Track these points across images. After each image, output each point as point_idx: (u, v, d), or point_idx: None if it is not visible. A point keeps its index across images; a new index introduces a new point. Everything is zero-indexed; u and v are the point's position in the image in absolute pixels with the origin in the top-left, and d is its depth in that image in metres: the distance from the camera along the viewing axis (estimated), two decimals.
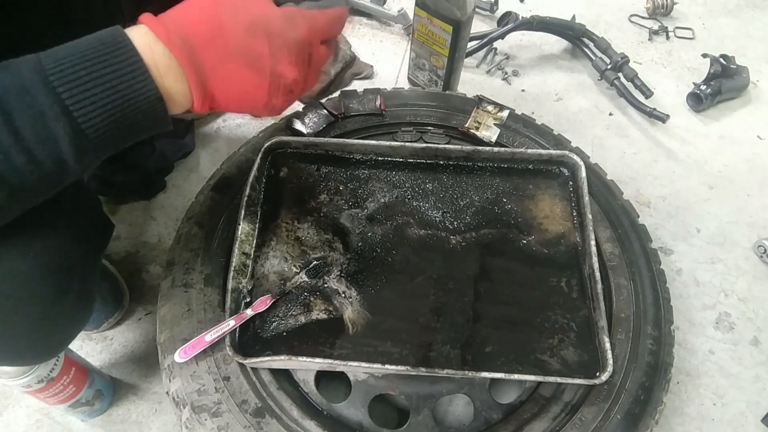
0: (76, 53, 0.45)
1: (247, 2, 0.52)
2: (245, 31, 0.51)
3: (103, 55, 0.45)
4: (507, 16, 1.43)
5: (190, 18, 0.50)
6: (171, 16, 0.50)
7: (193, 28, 0.49)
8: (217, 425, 0.72)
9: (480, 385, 0.79)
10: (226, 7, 0.51)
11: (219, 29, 0.50)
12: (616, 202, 0.95)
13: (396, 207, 0.92)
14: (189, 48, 0.49)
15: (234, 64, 0.51)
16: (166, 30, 0.48)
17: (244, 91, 0.53)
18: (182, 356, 0.74)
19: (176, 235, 0.89)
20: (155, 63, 0.48)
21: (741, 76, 1.34)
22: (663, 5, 1.54)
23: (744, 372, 0.96)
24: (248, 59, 0.51)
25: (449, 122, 1.04)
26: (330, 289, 0.82)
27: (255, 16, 0.51)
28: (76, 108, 0.44)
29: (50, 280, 0.59)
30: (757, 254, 1.10)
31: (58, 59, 0.44)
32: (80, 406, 0.82)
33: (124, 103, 0.46)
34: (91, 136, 0.46)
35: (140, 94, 0.47)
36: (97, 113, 0.45)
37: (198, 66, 0.50)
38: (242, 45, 0.51)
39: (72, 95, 0.44)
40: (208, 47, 0.50)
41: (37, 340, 0.63)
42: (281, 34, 0.52)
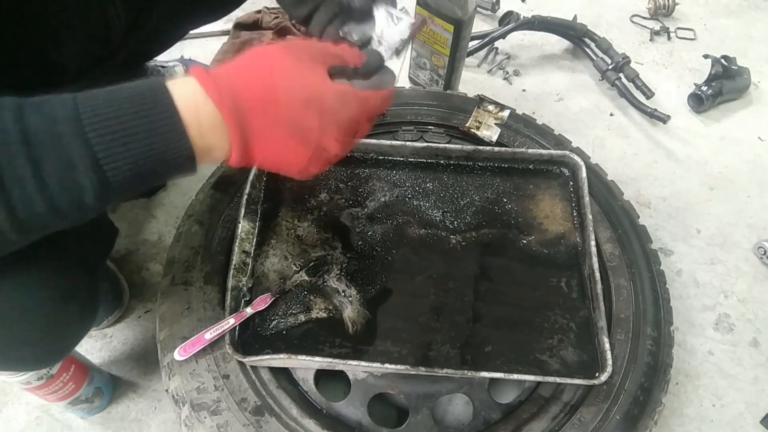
0: (114, 104, 0.44)
1: (304, 75, 0.51)
2: (299, 104, 0.50)
3: (141, 110, 0.45)
4: (508, 15, 1.43)
5: (245, 82, 0.49)
6: (225, 76, 0.49)
7: (247, 92, 0.49)
8: (217, 423, 0.72)
9: (479, 384, 0.79)
10: (284, 76, 0.50)
11: (273, 98, 0.49)
12: (616, 202, 0.95)
13: (396, 206, 0.92)
14: (239, 111, 0.48)
15: (281, 133, 0.51)
16: (218, 90, 0.47)
17: (285, 157, 0.53)
18: (182, 354, 0.74)
19: (176, 233, 0.89)
20: (198, 121, 0.47)
21: (742, 77, 1.34)
22: (664, 6, 1.54)
23: (743, 373, 0.96)
24: (297, 131, 0.51)
25: (450, 121, 1.04)
26: (330, 288, 0.82)
27: (311, 91, 0.51)
28: (107, 162, 0.43)
29: (55, 287, 0.59)
30: (757, 255, 1.10)
31: (96, 108, 0.43)
32: (80, 404, 0.83)
33: (156, 159, 0.46)
34: (115, 186, 0.45)
35: (173, 152, 0.46)
36: (127, 167, 0.44)
37: (245, 129, 0.49)
38: (294, 117, 0.51)
39: (105, 149, 0.43)
40: (260, 113, 0.49)
41: (43, 346, 0.63)
42: (334, 112, 0.52)
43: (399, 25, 0.66)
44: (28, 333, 0.59)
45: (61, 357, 0.71)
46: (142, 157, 0.45)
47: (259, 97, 0.49)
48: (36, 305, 0.58)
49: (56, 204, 0.43)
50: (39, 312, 0.58)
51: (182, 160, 0.48)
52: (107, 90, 0.45)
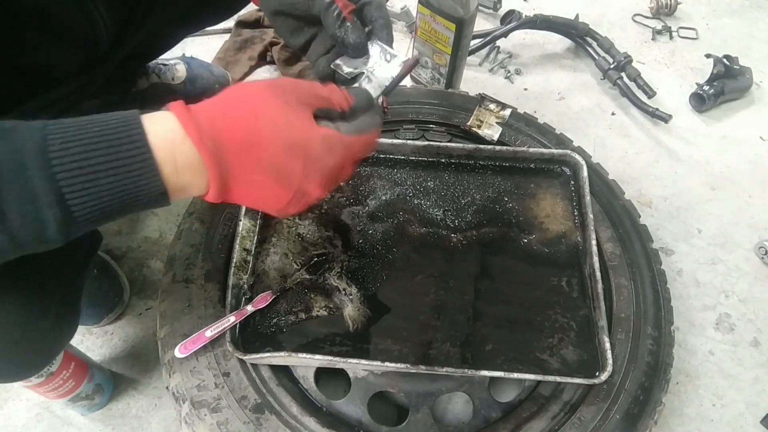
0: (84, 139, 0.42)
1: (289, 119, 0.49)
2: (283, 149, 0.49)
3: (112, 146, 0.43)
4: (510, 14, 1.43)
5: (228, 122, 0.47)
6: (206, 115, 0.47)
7: (229, 134, 0.47)
8: (217, 421, 0.72)
9: (479, 383, 0.79)
10: (268, 120, 0.48)
11: (257, 141, 0.48)
12: (617, 201, 0.95)
13: (397, 204, 0.92)
14: (220, 152, 0.47)
15: (263, 176, 0.49)
16: (198, 130, 0.46)
17: (264, 198, 0.52)
18: (182, 351, 0.74)
19: (177, 231, 0.89)
20: (174, 161, 0.45)
21: (744, 76, 1.34)
22: (666, 5, 1.53)
23: (744, 373, 0.96)
24: (279, 175, 0.50)
25: (451, 120, 1.04)
26: (330, 286, 0.82)
27: (296, 137, 0.49)
28: (73, 197, 0.42)
29: (27, 302, 0.58)
30: (758, 255, 1.10)
31: (65, 141, 0.42)
32: (80, 400, 0.83)
33: (124, 196, 0.44)
34: (80, 221, 0.43)
35: (143, 190, 0.45)
36: (93, 203, 0.43)
37: (224, 171, 0.48)
38: (277, 162, 0.49)
39: (71, 184, 0.42)
40: (241, 156, 0.48)
41: (18, 360, 0.62)
42: (318, 159, 0.51)
43: (391, 63, 0.65)
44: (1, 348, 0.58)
45: (40, 368, 0.70)
46: (110, 195, 0.43)
47: (242, 140, 0.47)
48: (5, 322, 0.57)
49: (15, 235, 0.42)
50: (9, 327, 0.57)
51: (153, 197, 0.46)
52: (79, 122, 0.44)
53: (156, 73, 1.14)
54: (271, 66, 1.37)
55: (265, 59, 1.37)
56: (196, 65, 1.21)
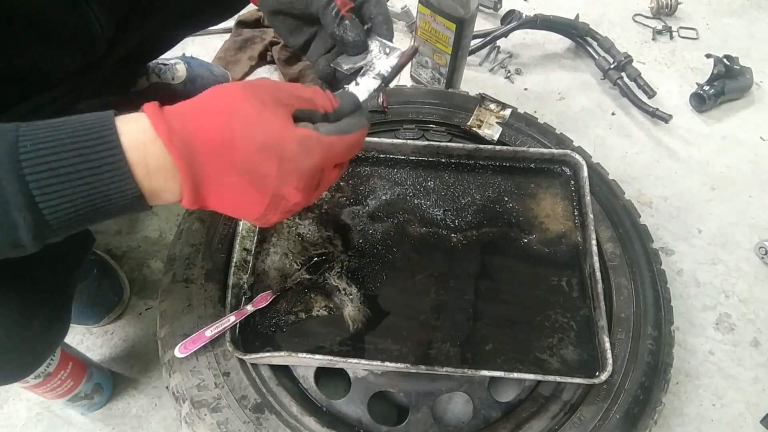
0: (55, 140, 0.41)
1: (264, 119, 0.47)
2: (256, 150, 0.47)
3: (83, 147, 0.42)
4: (510, 14, 1.43)
5: (199, 122, 0.46)
6: (178, 116, 0.46)
7: (201, 134, 0.45)
8: (217, 420, 0.72)
9: (479, 383, 0.79)
10: (241, 119, 0.46)
11: (228, 142, 0.46)
12: (617, 201, 0.95)
13: (397, 204, 0.92)
14: (190, 153, 0.45)
15: (236, 178, 0.47)
16: (168, 130, 0.44)
17: (240, 203, 0.50)
18: (182, 351, 0.74)
19: (177, 231, 0.89)
20: (146, 162, 0.44)
21: (744, 76, 1.34)
22: (667, 5, 1.53)
23: (743, 373, 0.96)
24: (252, 177, 0.48)
25: (451, 120, 1.04)
26: (330, 286, 0.82)
27: (269, 137, 0.47)
28: (43, 200, 0.41)
29: (16, 304, 0.58)
30: (758, 255, 1.09)
31: (37, 143, 0.41)
32: (79, 400, 0.83)
33: (97, 200, 0.43)
34: (54, 226, 0.42)
35: (116, 193, 0.44)
36: (64, 207, 0.42)
37: (196, 172, 0.46)
38: (249, 163, 0.47)
39: (41, 187, 0.40)
40: (212, 157, 0.46)
41: (7, 362, 0.62)
42: (293, 160, 0.48)
43: (390, 55, 0.65)
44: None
45: (31, 371, 0.69)
46: (82, 198, 0.42)
47: (214, 140, 0.46)
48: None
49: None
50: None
51: (129, 201, 0.45)
52: (53, 123, 0.42)
53: (156, 72, 1.14)
54: (271, 66, 1.37)
55: (266, 59, 1.37)
56: (196, 65, 1.21)
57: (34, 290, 0.61)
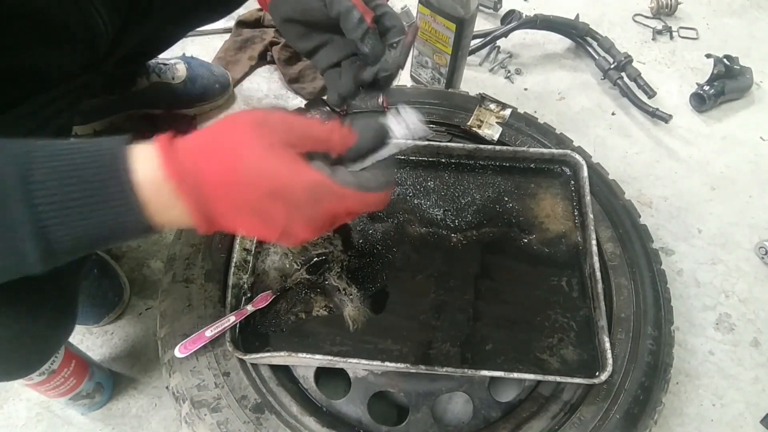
0: (69, 169, 0.41)
1: (273, 163, 0.47)
2: (264, 195, 0.47)
3: (95, 181, 0.42)
4: (510, 14, 1.43)
5: (209, 164, 0.46)
6: (189, 153, 0.46)
7: (210, 177, 0.45)
8: (217, 420, 0.72)
9: (479, 383, 0.79)
10: (250, 163, 0.46)
11: (236, 186, 0.46)
12: (617, 201, 0.95)
13: (397, 204, 0.92)
14: (200, 195, 0.45)
15: (246, 217, 0.48)
16: (179, 171, 0.44)
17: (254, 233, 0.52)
18: (182, 351, 0.74)
19: (177, 231, 0.89)
20: (158, 200, 0.45)
21: (744, 76, 1.34)
22: (667, 5, 1.53)
23: (743, 373, 0.96)
24: (260, 218, 0.48)
25: (451, 120, 1.04)
26: (330, 286, 0.82)
27: (277, 184, 0.47)
28: (53, 231, 0.41)
29: (19, 301, 0.58)
30: (759, 255, 1.09)
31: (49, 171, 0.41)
32: (81, 399, 0.83)
33: (107, 231, 0.44)
34: (60, 254, 0.43)
35: (125, 226, 0.44)
36: (74, 236, 0.42)
37: (207, 212, 0.47)
38: (257, 206, 0.47)
39: (51, 218, 0.41)
40: (222, 198, 0.46)
41: (12, 360, 0.62)
42: (300, 207, 0.48)
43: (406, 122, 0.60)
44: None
45: (37, 367, 0.70)
46: (92, 229, 0.43)
47: (223, 182, 0.46)
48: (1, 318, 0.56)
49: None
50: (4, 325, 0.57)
51: (137, 233, 0.46)
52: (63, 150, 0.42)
53: (156, 72, 1.14)
54: (271, 66, 1.37)
55: (266, 59, 1.37)
56: (196, 65, 1.21)
57: (42, 286, 0.61)
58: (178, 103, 1.19)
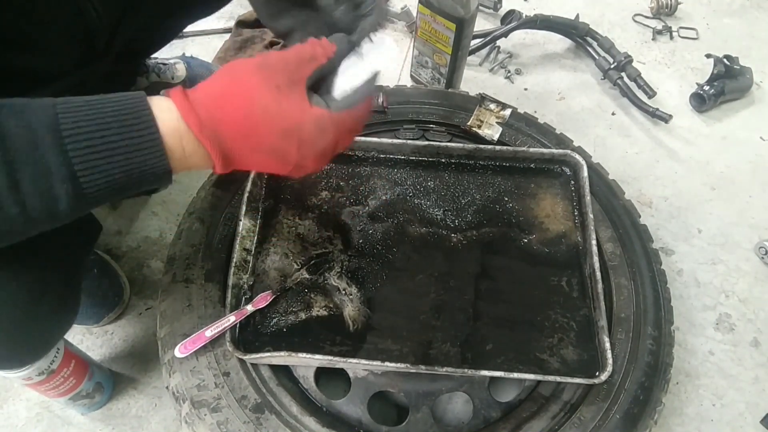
0: (96, 118, 0.45)
1: (283, 105, 0.52)
2: (278, 135, 0.52)
3: (122, 126, 0.45)
4: (510, 14, 1.43)
5: (224, 111, 0.50)
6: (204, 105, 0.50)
7: (226, 123, 0.50)
8: (217, 420, 0.72)
9: (479, 383, 0.79)
10: (262, 107, 0.51)
11: (253, 129, 0.51)
12: (617, 201, 0.95)
13: (397, 204, 0.92)
14: (219, 140, 0.50)
15: (261, 156, 0.53)
16: (198, 122, 0.49)
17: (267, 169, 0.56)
18: (182, 351, 0.74)
19: (177, 231, 0.89)
20: (182, 146, 0.49)
21: (744, 77, 1.34)
22: (667, 5, 1.53)
23: (743, 373, 0.96)
24: (275, 155, 0.53)
25: (451, 120, 1.04)
26: (330, 286, 0.82)
27: (289, 124, 0.52)
28: (85, 174, 0.44)
29: (24, 285, 0.59)
30: (759, 255, 1.10)
31: (77, 120, 0.44)
32: (81, 399, 0.83)
33: (133, 174, 0.47)
34: (90, 197, 0.45)
35: (151, 168, 0.48)
36: (104, 180, 0.45)
37: (226, 154, 0.51)
38: (273, 146, 0.52)
39: (83, 161, 0.44)
40: (239, 142, 0.51)
41: (15, 345, 0.62)
42: (311, 141, 0.54)
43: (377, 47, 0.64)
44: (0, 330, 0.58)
45: (41, 353, 0.70)
46: (120, 172, 0.46)
47: (240, 128, 0.51)
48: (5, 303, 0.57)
49: (28, 209, 0.43)
50: (8, 309, 0.58)
51: (159, 176, 0.49)
52: (89, 101, 0.45)
53: (156, 72, 1.14)
54: None
55: None
56: (196, 65, 1.21)
57: (46, 273, 0.62)
58: None
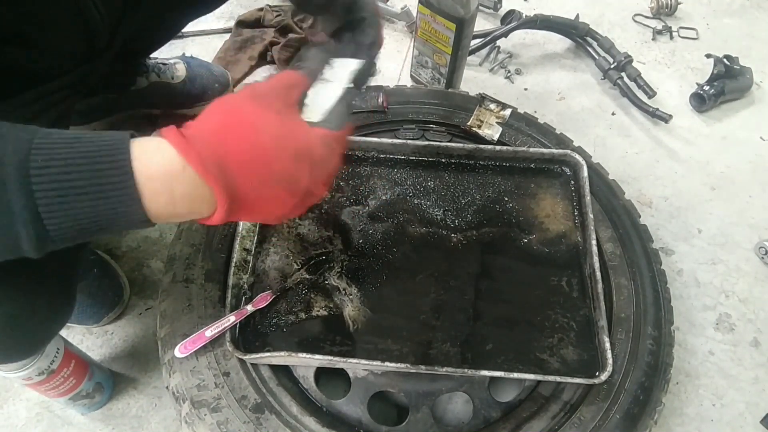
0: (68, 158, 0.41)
1: (289, 128, 0.50)
2: (290, 159, 0.49)
3: (94, 169, 0.42)
4: (510, 14, 1.43)
5: (229, 144, 0.46)
6: (204, 142, 0.46)
7: (233, 156, 0.46)
8: (217, 420, 0.72)
9: (479, 383, 0.79)
10: (268, 133, 0.48)
11: (263, 157, 0.47)
12: (617, 201, 0.95)
13: (397, 204, 0.92)
14: (226, 177, 0.46)
15: (271, 189, 0.49)
16: (200, 158, 0.44)
17: (270, 210, 0.52)
18: (182, 351, 0.75)
19: (177, 231, 0.89)
20: (171, 191, 0.44)
21: (744, 76, 1.34)
22: (667, 5, 1.53)
23: (744, 373, 0.96)
24: (287, 184, 0.50)
25: (451, 120, 1.04)
26: (330, 286, 0.82)
27: (299, 144, 0.50)
28: (49, 218, 0.41)
29: (18, 280, 0.58)
30: (759, 255, 1.09)
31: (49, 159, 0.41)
32: (81, 399, 0.83)
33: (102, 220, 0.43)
34: (56, 240, 0.43)
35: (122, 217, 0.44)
36: (69, 225, 0.42)
37: (233, 192, 0.47)
38: (285, 172, 0.49)
39: (48, 204, 0.41)
40: (248, 174, 0.47)
41: (9, 340, 0.62)
42: (323, 162, 0.52)
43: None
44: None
45: (36, 350, 0.69)
46: (87, 218, 0.43)
47: (249, 157, 0.47)
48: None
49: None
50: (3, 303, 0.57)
51: (134, 223, 0.45)
52: (68, 139, 0.42)
53: (156, 72, 1.14)
54: (271, 66, 1.37)
55: (265, 59, 1.37)
56: (196, 65, 1.21)
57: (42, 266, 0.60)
58: (178, 103, 1.19)
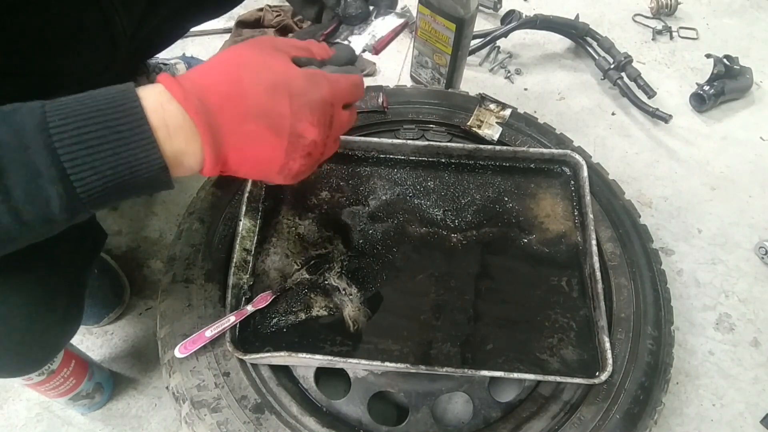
0: (83, 113, 0.43)
1: (268, 63, 0.51)
2: (266, 90, 0.50)
3: (109, 118, 0.44)
4: (510, 14, 1.43)
5: (209, 78, 0.49)
6: (189, 77, 0.49)
7: (212, 87, 0.48)
8: (217, 420, 0.72)
9: (479, 383, 0.79)
10: (248, 67, 0.50)
11: (239, 88, 0.49)
12: (617, 201, 0.95)
13: (397, 204, 0.92)
14: (205, 107, 0.47)
15: (252, 124, 0.49)
16: (182, 89, 0.47)
17: (261, 153, 0.52)
18: (182, 351, 0.74)
19: (177, 231, 0.89)
20: (165, 123, 0.46)
21: (744, 77, 1.34)
22: (667, 5, 1.53)
23: (743, 373, 0.96)
24: (268, 119, 0.50)
25: (451, 120, 1.04)
26: (330, 286, 0.82)
27: (277, 76, 0.50)
28: (75, 172, 0.42)
29: (35, 295, 0.58)
30: (758, 255, 1.10)
31: (65, 117, 0.42)
32: (80, 399, 0.83)
33: (125, 171, 0.45)
34: (85, 199, 0.44)
35: (143, 163, 0.45)
36: (95, 179, 0.43)
37: (214, 126, 0.48)
38: (263, 104, 0.49)
39: (72, 158, 0.42)
40: (227, 106, 0.48)
41: (22, 354, 0.62)
42: (303, 93, 0.51)
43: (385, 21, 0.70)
44: (7, 341, 0.58)
45: (45, 362, 0.70)
46: (110, 167, 0.44)
47: (226, 92, 0.48)
48: (11, 313, 0.57)
49: (21, 216, 0.42)
50: (15, 320, 0.57)
51: (154, 172, 0.46)
52: (76, 98, 0.44)
53: (156, 72, 1.14)
54: None
55: None
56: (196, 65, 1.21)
57: (53, 282, 0.62)
58: None
